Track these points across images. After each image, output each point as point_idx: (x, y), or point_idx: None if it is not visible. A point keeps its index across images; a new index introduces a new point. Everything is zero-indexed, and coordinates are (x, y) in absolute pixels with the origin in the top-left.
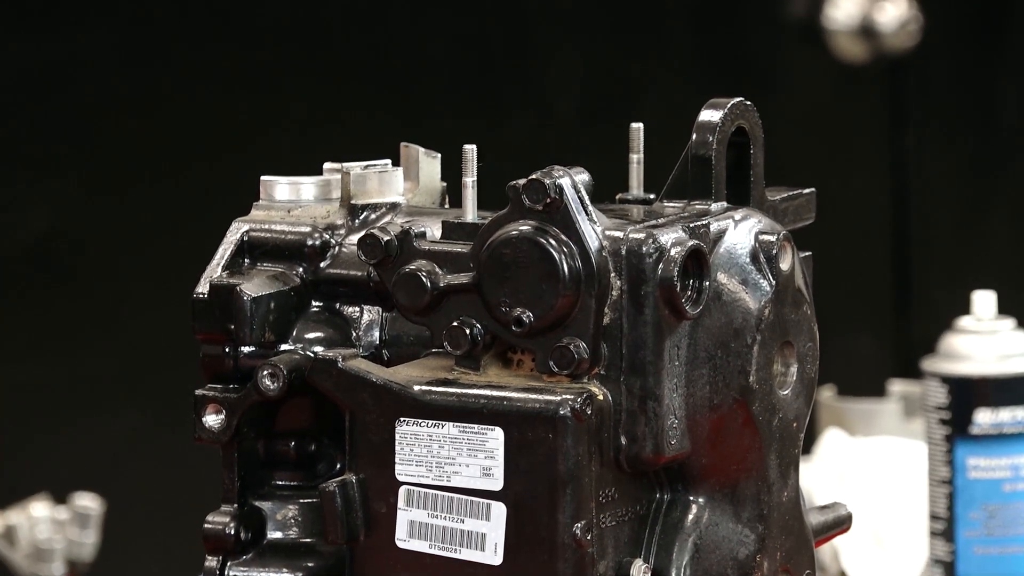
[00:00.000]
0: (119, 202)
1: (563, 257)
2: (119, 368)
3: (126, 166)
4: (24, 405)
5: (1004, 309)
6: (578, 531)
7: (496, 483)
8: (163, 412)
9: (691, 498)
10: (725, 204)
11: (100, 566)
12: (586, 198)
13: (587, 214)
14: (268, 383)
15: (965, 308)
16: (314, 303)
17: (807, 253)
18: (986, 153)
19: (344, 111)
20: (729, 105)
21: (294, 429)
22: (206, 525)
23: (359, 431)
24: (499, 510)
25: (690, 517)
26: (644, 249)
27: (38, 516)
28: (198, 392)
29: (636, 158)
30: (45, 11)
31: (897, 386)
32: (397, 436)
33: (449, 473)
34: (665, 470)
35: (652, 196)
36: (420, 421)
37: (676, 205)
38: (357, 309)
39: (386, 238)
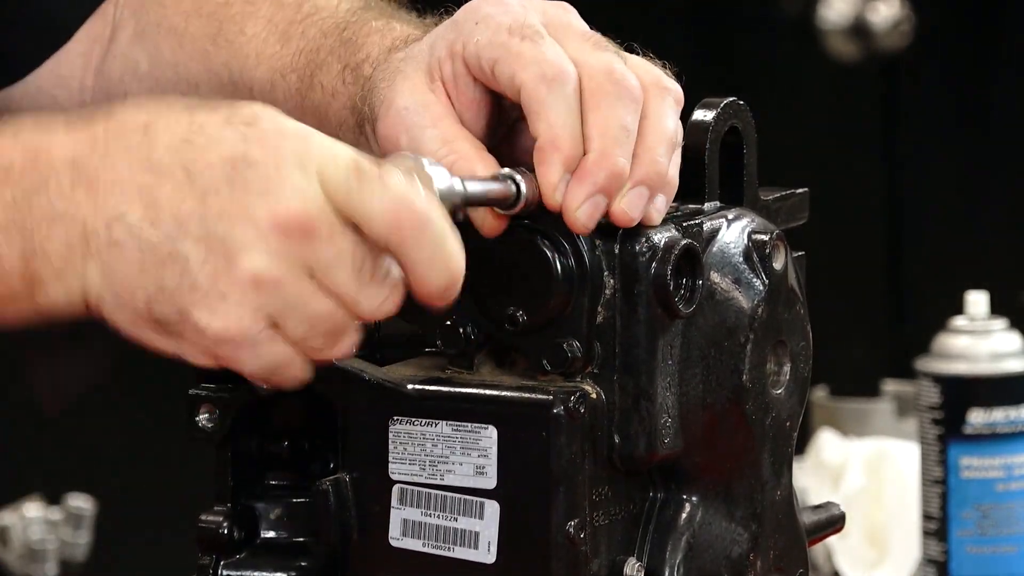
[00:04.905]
0: None
1: (556, 256)
2: (112, 368)
3: None
4: (17, 406)
5: (997, 309)
6: (571, 529)
7: (489, 481)
8: (156, 412)
9: (684, 497)
10: (718, 204)
11: (93, 566)
12: None
13: None
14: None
15: (958, 308)
16: None
17: (800, 253)
18: (979, 153)
19: None
20: (722, 105)
21: (287, 428)
22: (199, 525)
23: (352, 430)
24: (492, 508)
25: (683, 516)
26: (637, 248)
27: (31, 517)
28: (191, 392)
29: None
30: None
31: (890, 386)
32: (391, 435)
33: (442, 472)
34: (658, 469)
35: None
36: (413, 420)
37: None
38: None
39: None
